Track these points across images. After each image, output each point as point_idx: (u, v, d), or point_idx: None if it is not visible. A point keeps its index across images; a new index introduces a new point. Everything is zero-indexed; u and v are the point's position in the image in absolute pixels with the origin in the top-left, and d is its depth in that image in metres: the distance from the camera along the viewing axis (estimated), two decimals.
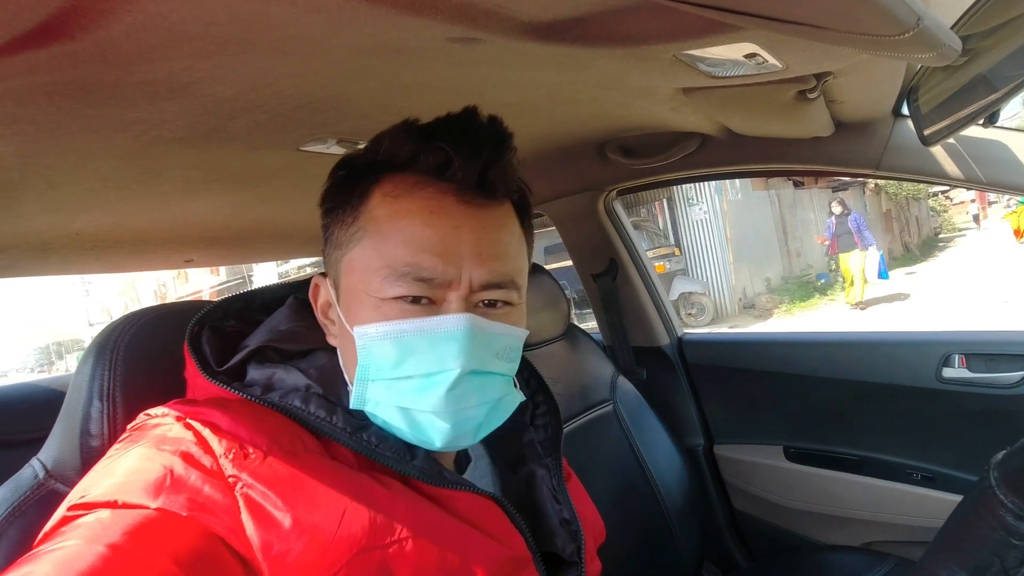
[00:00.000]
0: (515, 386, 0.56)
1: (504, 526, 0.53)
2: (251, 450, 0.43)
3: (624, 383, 1.40)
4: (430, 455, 0.51)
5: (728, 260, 8.81)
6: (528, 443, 0.65)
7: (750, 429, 1.43)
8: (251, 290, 0.59)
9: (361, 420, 0.50)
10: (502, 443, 0.64)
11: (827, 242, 8.21)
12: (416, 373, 0.48)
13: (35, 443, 0.61)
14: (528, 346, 1.24)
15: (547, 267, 1.28)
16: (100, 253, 1.38)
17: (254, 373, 0.50)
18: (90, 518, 0.38)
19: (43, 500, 0.54)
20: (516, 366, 0.55)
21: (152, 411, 0.48)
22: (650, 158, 1.18)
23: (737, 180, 9.06)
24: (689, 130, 1.07)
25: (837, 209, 8.24)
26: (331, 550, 0.42)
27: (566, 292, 1.33)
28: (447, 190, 0.49)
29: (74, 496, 0.41)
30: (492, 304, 0.51)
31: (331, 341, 0.55)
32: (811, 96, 0.72)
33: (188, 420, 0.45)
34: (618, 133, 1.11)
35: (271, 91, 0.69)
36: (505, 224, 0.53)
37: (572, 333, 1.38)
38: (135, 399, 0.55)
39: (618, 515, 1.17)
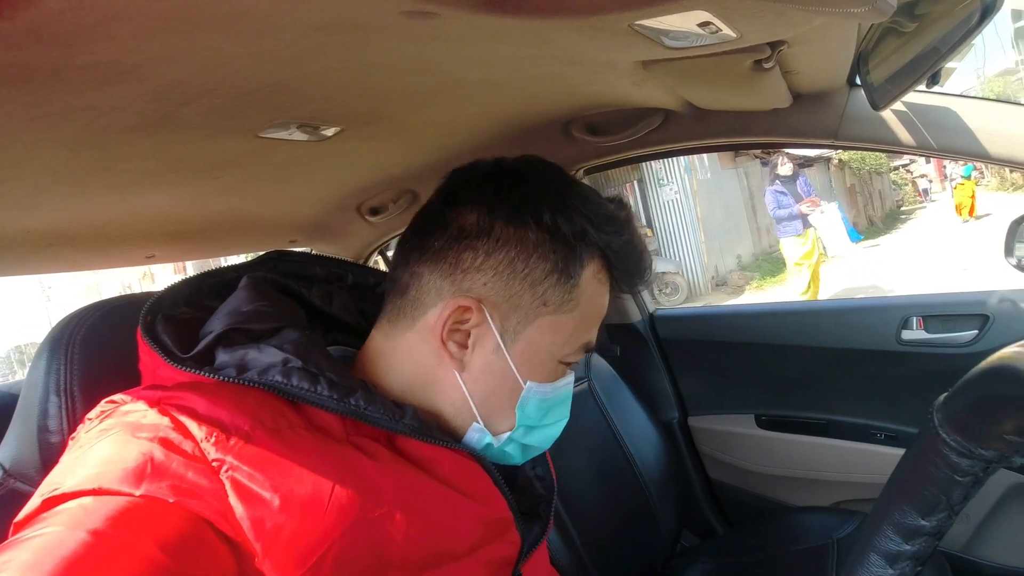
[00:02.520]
0: None
1: (487, 488, 0.55)
2: (233, 431, 0.43)
3: (599, 361, 1.42)
4: (417, 414, 0.53)
5: (700, 239, 8.93)
6: None
7: (722, 400, 1.47)
8: (197, 275, 0.58)
9: (348, 386, 0.50)
10: None
11: (817, 205, 5.46)
12: (553, 421, 0.59)
13: None
14: None
15: None
16: (56, 251, 1.33)
17: (224, 356, 0.49)
18: (71, 504, 0.37)
19: (3, 499, 0.53)
20: None
21: (117, 397, 0.47)
22: (616, 135, 1.19)
23: (706, 159, 9.19)
24: (652, 106, 1.07)
25: (786, 170, 5.60)
26: (323, 524, 0.42)
27: None
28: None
29: (46, 488, 0.39)
30: None
31: (450, 362, 0.55)
32: (767, 66, 0.73)
33: (163, 405, 0.44)
34: (583, 111, 1.11)
35: (224, 73, 0.68)
36: None
37: None
38: (94, 393, 0.54)
39: (598, 491, 1.19)
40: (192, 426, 0.42)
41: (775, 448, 1.38)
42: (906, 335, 1.20)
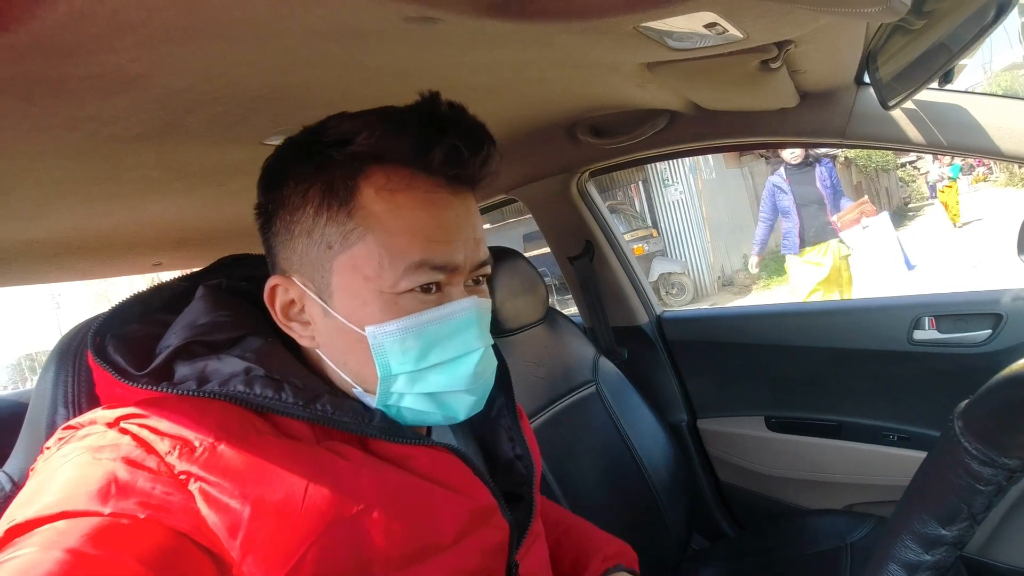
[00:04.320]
0: None
1: (467, 477, 0.55)
2: (198, 444, 0.42)
3: (606, 364, 1.41)
4: (386, 415, 0.52)
5: (705, 239, 8.90)
6: None
7: (731, 402, 1.45)
8: (146, 290, 0.56)
9: (313, 391, 0.49)
10: None
11: (868, 213, 3.69)
12: (443, 359, 0.51)
13: (3, 458, 0.59)
14: (508, 331, 1.24)
15: (527, 255, 1.28)
16: (63, 261, 1.34)
17: (184, 369, 0.48)
18: (42, 529, 0.36)
19: None
20: None
21: (74, 422, 0.45)
22: (620, 137, 1.18)
23: (711, 158, 9.15)
24: (657, 107, 1.07)
25: (794, 155, 3.69)
26: (299, 527, 0.42)
27: (544, 277, 1.33)
28: (440, 182, 0.51)
29: (6, 520, 0.37)
30: (478, 282, 0.55)
31: (304, 343, 0.53)
32: (774, 66, 0.72)
33: (122, 424, 0.43)
34: (587, 113, 1.10)
35: (226, 81, 0.67)
36: (477, 209, 0.56)
37: (552, 317, 1.38)
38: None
39: (607, 494, 1.18)
40: (155, 441, 0.41)
41: (785, 450, 1.36)
42: (918, 335, 1.18)
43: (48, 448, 0.45)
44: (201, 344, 0.50)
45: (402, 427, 0.53)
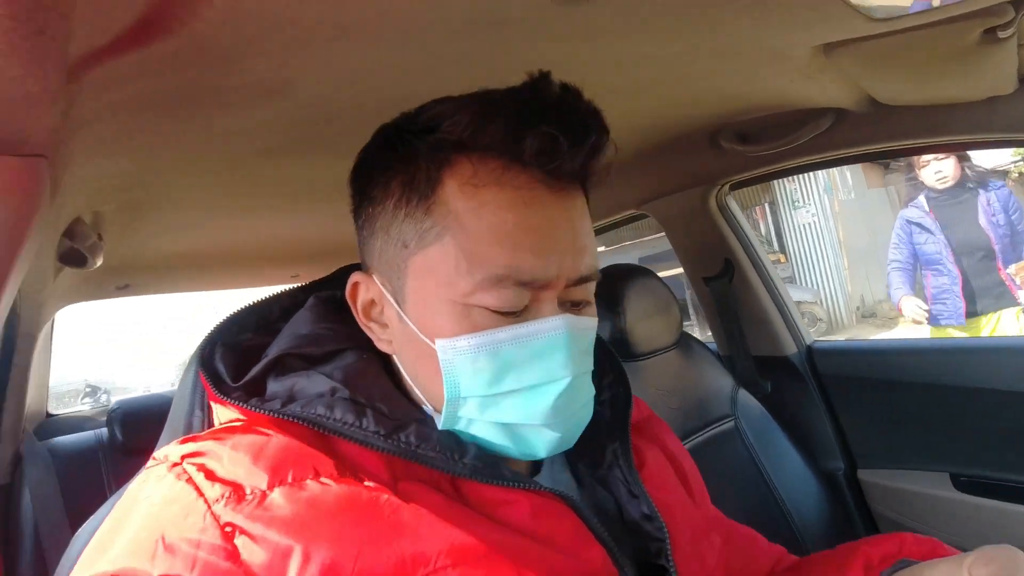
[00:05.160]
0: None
1: (578, 534, 0.44)
2: (248, 490, 0.38)
3: (746, 397, 1.26)
4: (483, 451, 0.44)
5: (843, 265, 8.08)
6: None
7: (904, 452, 1.22)
8: (266, 298, 0.54)
9: (399, 418, 0.44)
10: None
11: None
12: (520, 387, 0.43)
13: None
14: (638, 356, 1.14)
15: None
16: (215, 271, 1.46)
17: (274, 385, 0.45)
18: None
19: None
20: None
21: (157, 452, 0.44)
22: (772, 143, 1.05)
23: (849, 177, 8.37)
24: (821, 105, 0.93)
25: (942, 175, 2.36)
26: None
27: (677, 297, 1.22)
28: (537, 177, 0.42)
29: (90, 555, 0.38)
30: (578, 304, 0.46)
31: (382, 347, 0.48)
32: (1003, 35, 0.57)
33: (185, 464, 0.40)
34: (736, 116, 0.99)
35: (367, 86, 0.66)
36: (583, 212, 0.47)
37: (685, 342, 1.26)
38: None
39: None
40: (206, 487, 0.38)
41: (980, 517, 1.11)
42: None
43: (135, 479, 0.43)
44: (298, 357, 0.47)
45: (501, 465, 0.44)
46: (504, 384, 0.42)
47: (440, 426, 0.45)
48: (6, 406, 1.31)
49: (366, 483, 0.41)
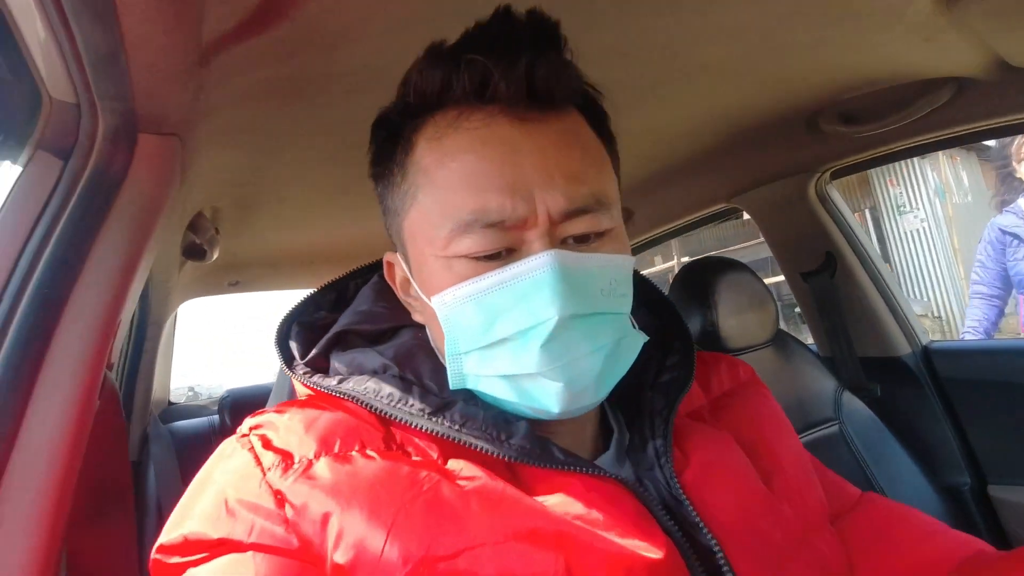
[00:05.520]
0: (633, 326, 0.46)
1: (639, 522, 0.40)
2: (297, 459, 0.39)
3: (852, 400, 1.17)
4: (534, 431, 0.42)
5: (957, 274, 7.33)
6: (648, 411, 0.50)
7: None
8: (342, 276, 0.55)
9: (447, 397, 0.44)
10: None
11: None
12: (510, 333, 0.40)
13: None
14: (729, 352, 1.09)
15: None
16: (316, 268, 1.55)
17: (336, 361, 0.47)
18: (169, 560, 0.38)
19: None
20: (630, 302, 0.45)
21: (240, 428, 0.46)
22: (879, 122, 0.98)
23: (965, 178, 7.61)
24: (939, 75, 0.85)
25: None
26: (379, 568, 0.35)
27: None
28: (495, 112, 0.41)
29: (176, 516, 0.40)
30: (584, 239, 0.42)
31: (418, 319, 0.49)
32: None
33: (249, 436, 0.42)
34: (840, 94, 0.93)
35: None
36: (574, 137, 0.43)
37: (782, 339, 1.19)
38: None
39: None
40: (263, 456, 0.40)
41: None
42: None
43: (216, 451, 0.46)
44: (357, 334, 0.49)
45: (552, 446, 0.42)
46: (495, 332, 0.41)
47: (450, 386, 0.44)
48: (136, 390, 1.46)
49: (413, 458, 0.41)
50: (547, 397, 0.41)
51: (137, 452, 1.45)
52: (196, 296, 1.69)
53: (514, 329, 0.40)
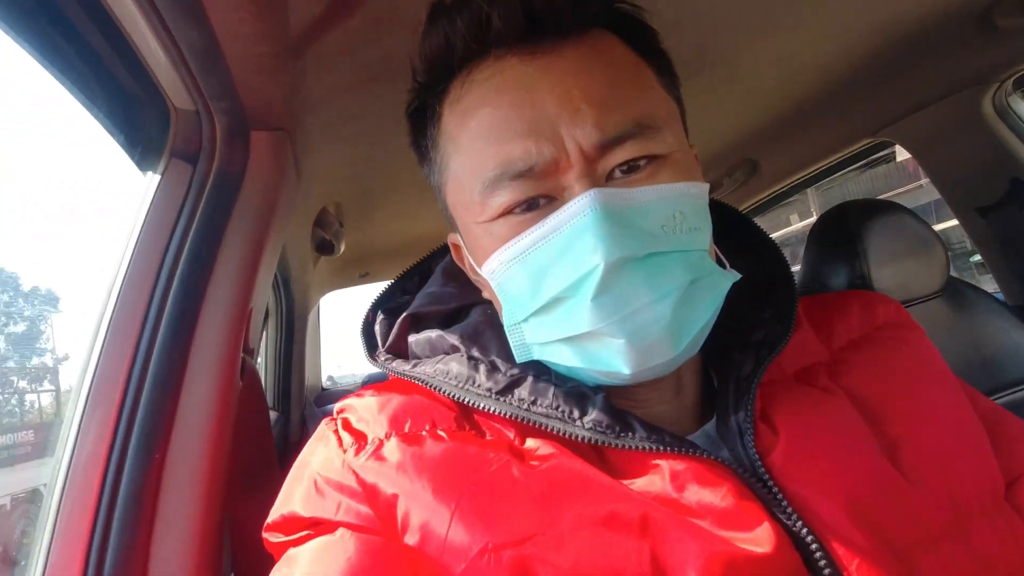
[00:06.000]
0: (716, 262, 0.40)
1: (740, 505, 0.34)
2: (371, 439, 0.40)
3: None
4: (612, 403, 0.38)
5: None
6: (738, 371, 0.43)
7: None
8: (426, 258, 0.54)
9: (516, 373, 0.41)
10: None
11: None
12: (560, 290, 0.36)
13: None
14: None
15: None
16: None
17: (412, 344, 0.47)
18: (275, 539, 0.39)
19: None
20: (706, 237, 0.39)
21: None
22: None
23: None
24: None
25: None
26: (445, 552, 0.34)
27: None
28: (503, 56, 0.38)
29: (278, 503, 0.41)
30: (633, 168, 0.37)
31: (487, 296, 0.46)
32: None
33: (335, 417, 0.43)
34: None
35: None
36: (601, 60, 0.38)
37: (955, 288, 1.01)
38: None
39: None
40: (344, 437, 0.41)
41: None
42: None
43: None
44: (429, 316, 0.48)
45: (632, 422, 0.38)
46: (545, 292, 0.37)
47: (517, 360, 0.41)
48: (292, 380, 1.63)
49: (487, 438, 0.39)
50: (613, 357, 0.36)
51: (298, 432, 1.62)
52: (332, 289, 1.84)
53: (563, 285, 0.36)
